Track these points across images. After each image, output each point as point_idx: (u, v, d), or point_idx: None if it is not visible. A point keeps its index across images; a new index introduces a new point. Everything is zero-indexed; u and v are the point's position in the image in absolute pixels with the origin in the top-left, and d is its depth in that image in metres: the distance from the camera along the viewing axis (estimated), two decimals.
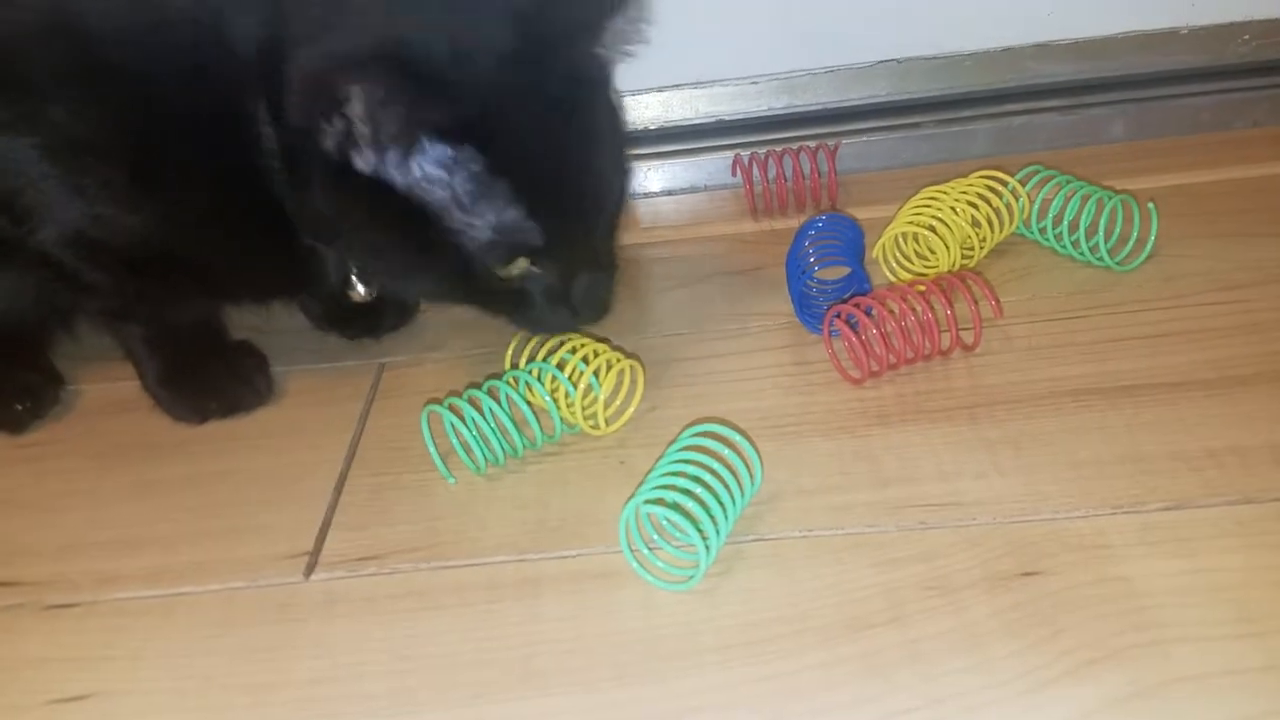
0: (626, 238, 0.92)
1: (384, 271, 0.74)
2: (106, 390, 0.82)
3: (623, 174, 0.72)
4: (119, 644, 0.61)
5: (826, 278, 0.81)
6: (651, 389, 0.74)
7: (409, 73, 0.61)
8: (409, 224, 0.66)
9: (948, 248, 0.78)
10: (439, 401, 0.69)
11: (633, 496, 0.60)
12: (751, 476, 0.62)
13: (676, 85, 1.00)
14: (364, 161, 0.64)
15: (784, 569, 0.60)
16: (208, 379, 0.79)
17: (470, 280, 0.69)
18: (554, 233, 0.67)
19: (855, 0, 0.95)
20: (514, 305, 0.72)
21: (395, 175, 0.64)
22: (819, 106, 1.00)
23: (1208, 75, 0.96)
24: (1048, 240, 0.83)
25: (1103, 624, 0.53)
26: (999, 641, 0.54)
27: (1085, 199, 0.80)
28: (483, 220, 0.65)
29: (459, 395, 0.69)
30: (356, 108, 0.61)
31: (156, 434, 0.77)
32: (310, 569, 0.64)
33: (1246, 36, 0.95)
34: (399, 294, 0.82)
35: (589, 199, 0.69)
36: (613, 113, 0.72)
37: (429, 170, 0.64)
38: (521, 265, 0.69)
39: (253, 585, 0.64)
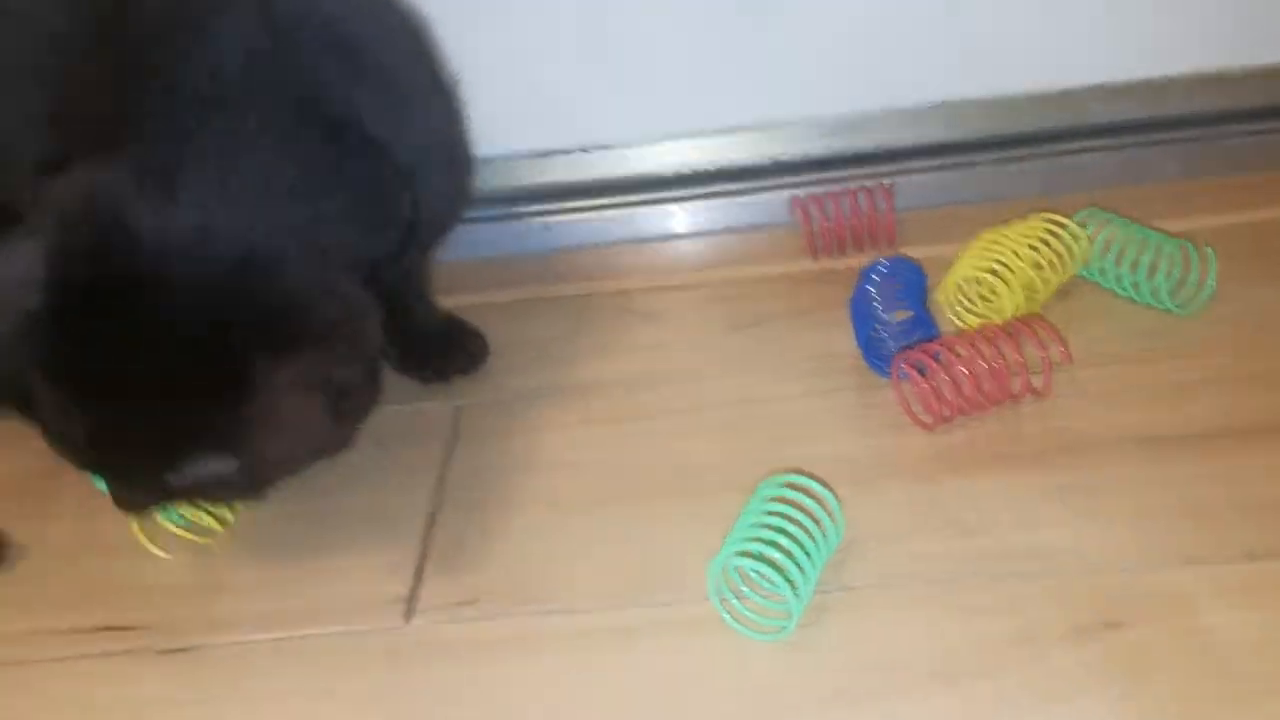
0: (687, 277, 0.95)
1: None
2: None
3: None
4: (234, 688, 0.64)
5: (891, 320, 0.83)
6: (728, 433, 0.76)
7: None
8: None
9: (1012, 291, 0.80)
10: None
11: (722, 547, 0.62)
12: (836, 526, 0.65)
13: (734, 129, 1.02)
14: None
15: (871, 619, 0.62)
16: None
17: None
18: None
19: (914, 43, 0.97)
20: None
21: None
22: (875, 147, 1.02)
23: (1264, 115, 0.98)
24: (1109, 282, 0.85)
25: (1188, 678, 0.55)
26: (1086, 694, 0.56)
27: (1146, 241, 0.82)
28: None
29: None
30: None
31: None
32: (409, 614, 0.67)
33: None
34: None
35: None
36: None
37: None
38: None
39: (354, 630, 0.66)
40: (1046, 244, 0.83)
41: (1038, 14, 0.96)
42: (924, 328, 0.80)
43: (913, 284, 0.84)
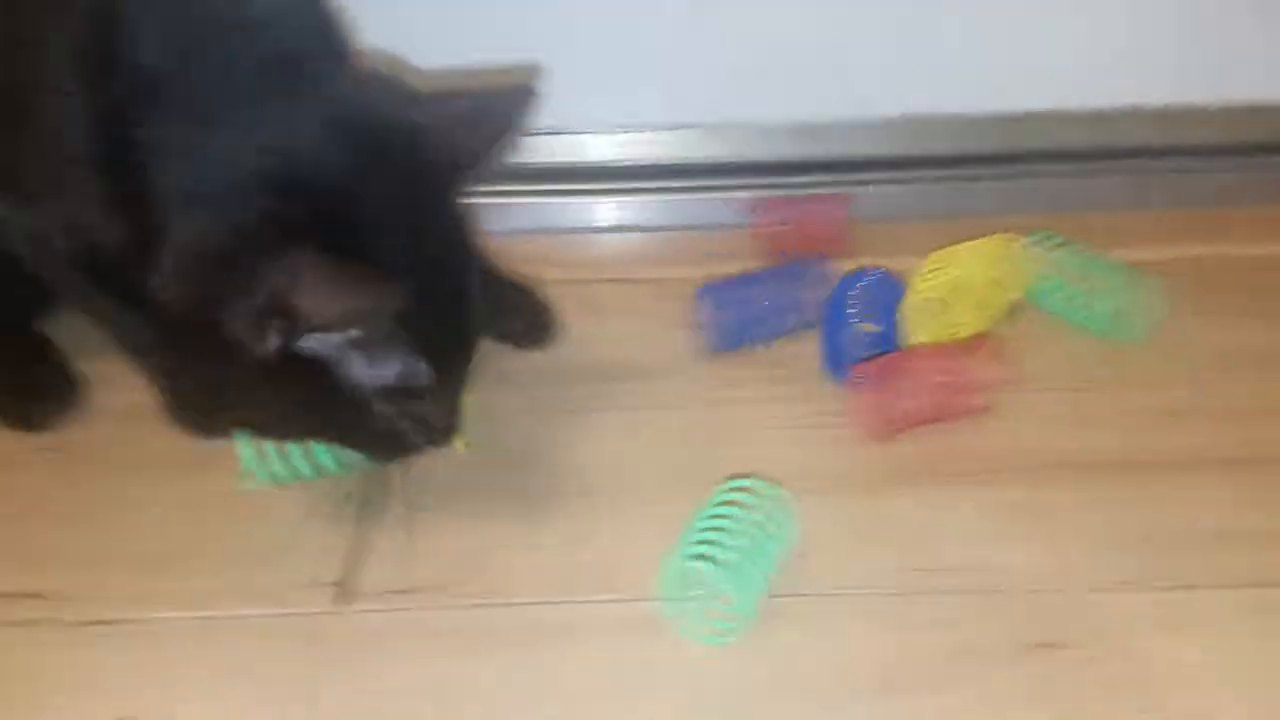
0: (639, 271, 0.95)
1: (266, 430, 0.69)
2: (129, 398, 0.80)
3: (483, 294, 0.69)
4: (158, 666, 0.61)
5: (861, 330, 0.83)
6: (676, 432, 0.76)
7: (340, 252, 0.57)
8: (309, 380, 0.61)
9: (972, 310, 0.80)
10: None
11: (675, 549, 0.62)
12: (787, 533, 0.64)
13: (694, 125, 1.01)
14: (272, 343, 0.59)
15: (817, 628, 0.61)
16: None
17: (355, 427, 0.65)
18: (444, 372, 0.65)
19: (877, 56, 0.97)
20: (386, 444, 0.67)
21: (305, 343, 0.60)
22: (833, 156, 1.02)
23: (1223, 152, 0.99)
24: (1055, 306, 0.85)
25: (1121, 701, 0.56)
26: (1021, 712, 0.56)
27: (1095, 268, 0.83)
28: (382, 374, 0.62)
29: None
30: (281, 295, 0.56)
31: (182, 446, 0.76)
32: (342, 599, 0.65)
33: (1266, 117, 0.98)
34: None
35: (469, 332, 0.67)
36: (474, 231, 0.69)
37: (337, 334, 0.60)
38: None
39: (286, 614, 0.64)
40: (999, 263, 0.83)
41: (1003, 36, 0.97)
42: (888, 344, 0.80)
43: (890, 299, 0.83)
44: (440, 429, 0.68)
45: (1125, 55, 0.97)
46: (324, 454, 0.71)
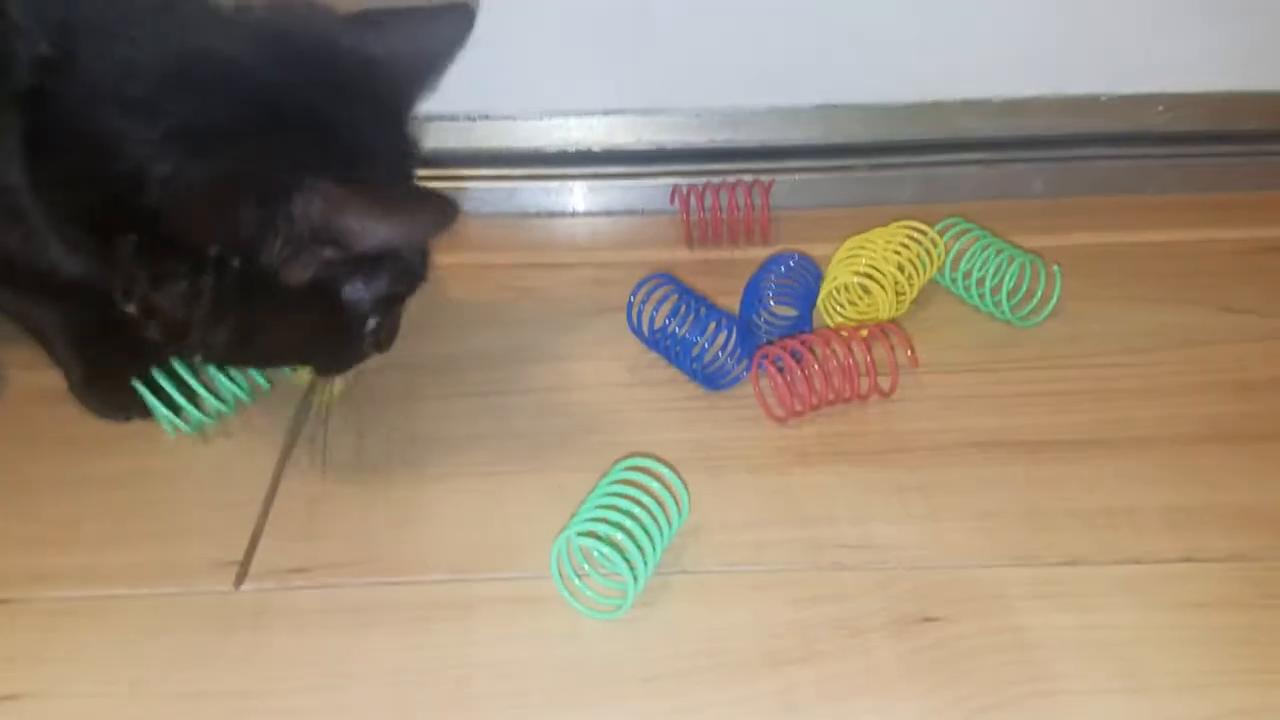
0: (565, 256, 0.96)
1: (245, 355, 0.70)
2: (36, 378, 0.81)
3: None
4: (50, 644, 0.61)
5: (775, 314, 0.85)
6: (586, 414, 0.77)
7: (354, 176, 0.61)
8: (312, 302, 0.64)
9: (886, 294, 0.82)
10: None
11: (566, 526, 0.63)
12: (679, 511, 0.65)
13: (621, 110, 1.02)
14: (308, 270, 0.62)
15: (706, 602, 0.63)
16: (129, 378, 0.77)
17: (344, 346, 0.69)
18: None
19: (795, 44, 0.99)
20: (345, 353, 0.71)
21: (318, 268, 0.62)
22: (757, 143, 1.03)
23: (1123, 140, 1.02)
24: (959, 291, 0.87)
25: (998, 673, 0.58)
26: (903, 684, 0.57)
27: (997, 254, 0.85)
28: (379, 284, 0.65)
29: None
30: (308, 220, 0.59)
31: (85, 427, 0.77)
32: (241, 578, 0.65)
33: (1160, 108, 1.01)
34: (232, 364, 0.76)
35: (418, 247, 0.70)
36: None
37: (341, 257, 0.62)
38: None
39: (183, 592, 0.64)
40: (908, 248, 0.85)
41: (918, 26, 0.98)
42: (804, 328, 0.81)
43: (810, 286, 0.85)
44: (386, 336, 0.71)
45: (1036, 44, 0.99)
46: (229, 383, 0.77)
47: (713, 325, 0.79)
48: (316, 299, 0.64)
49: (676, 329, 0.80)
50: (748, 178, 0.99)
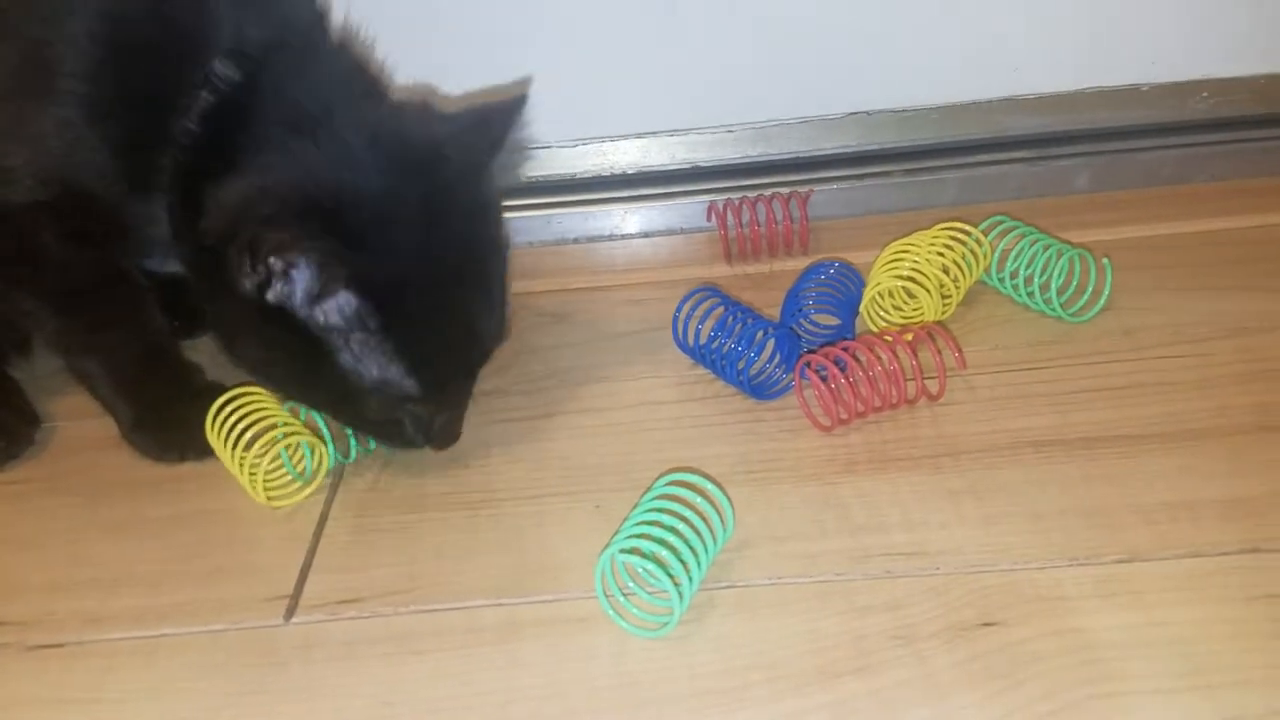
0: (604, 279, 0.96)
1: (265, 376, 0.75)
2: (86, 427, 0.82)
3: (504, 307, 0.75)
4: (105, 686, 0.62)
5: (817, 321, 0.84)
6: (629, 433, 0.76)
7: (340, 230, 0.64)
8: (304, 348, 0.68)
9: (931, 298, 0.80)
10: None
11: (609, 544, 0.62)
12: (724, 524, 0.64)
13: (654, 132, 1.02)
14: (274, 295, 0.66)
15: (756, 616, 0.61)
16: (183, 420, 0.78)
17: (348, 406, 0.72)
18: (431, 385, 0.70)
19: (827, 54, 0.98)
20: (384, 432, 0.75)
21: (300, 310, 0.66)
22: (792, 155, 1.03)
23: (1168, 130, 1.00)
24: (1007, 290, 0.86)
25: (1059, 676, 0.56)
26: (960, 692, 0.56)
27: (1045, 250, 0.83)
28: (368, 370, 0.68)
29: None
30: (284, 260, 0.64)
31: (136, 472, 0.78)
32: (291, 612, 0.66)
33: (1205, 94, 0.99)
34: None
35: (473, 353, 0.74)
36: (501, 246, 0.75)
37: (331, 317, 0.67)
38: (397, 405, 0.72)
39: (234, 628, 0.65)
40: (951, 249, 0.84)
41: (954, 28, 0.97)
42: (846, 336, 0.80)
43: (851, 293, 0.84)
44: (438, 433, 0.73)
45: (1072, 38, 0.98)
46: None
47: (759, 334, 0.78)
48: (308, 346, 0.68)
49: (723, 340, 0.79)
50: (784, 190, 0.98)
